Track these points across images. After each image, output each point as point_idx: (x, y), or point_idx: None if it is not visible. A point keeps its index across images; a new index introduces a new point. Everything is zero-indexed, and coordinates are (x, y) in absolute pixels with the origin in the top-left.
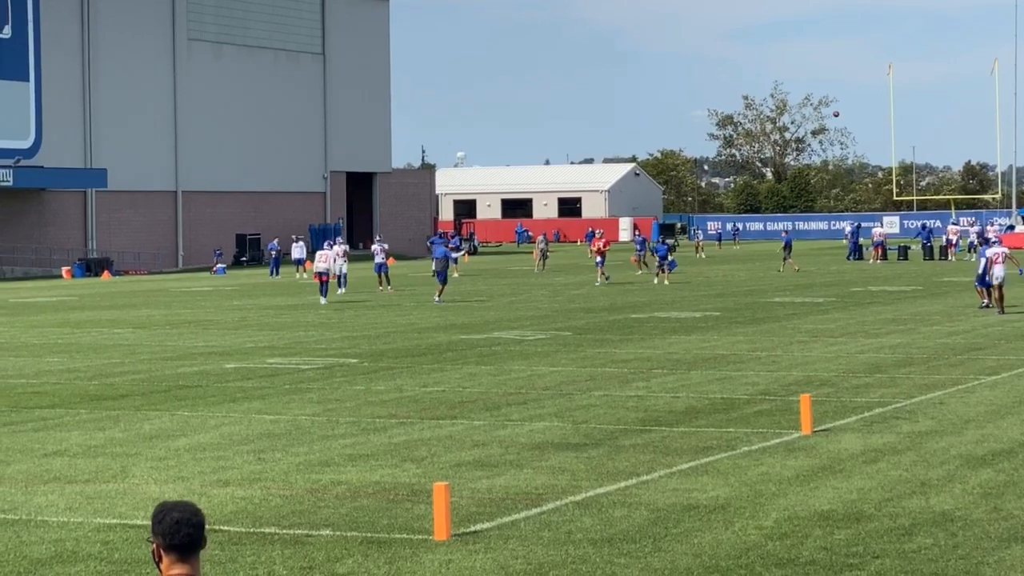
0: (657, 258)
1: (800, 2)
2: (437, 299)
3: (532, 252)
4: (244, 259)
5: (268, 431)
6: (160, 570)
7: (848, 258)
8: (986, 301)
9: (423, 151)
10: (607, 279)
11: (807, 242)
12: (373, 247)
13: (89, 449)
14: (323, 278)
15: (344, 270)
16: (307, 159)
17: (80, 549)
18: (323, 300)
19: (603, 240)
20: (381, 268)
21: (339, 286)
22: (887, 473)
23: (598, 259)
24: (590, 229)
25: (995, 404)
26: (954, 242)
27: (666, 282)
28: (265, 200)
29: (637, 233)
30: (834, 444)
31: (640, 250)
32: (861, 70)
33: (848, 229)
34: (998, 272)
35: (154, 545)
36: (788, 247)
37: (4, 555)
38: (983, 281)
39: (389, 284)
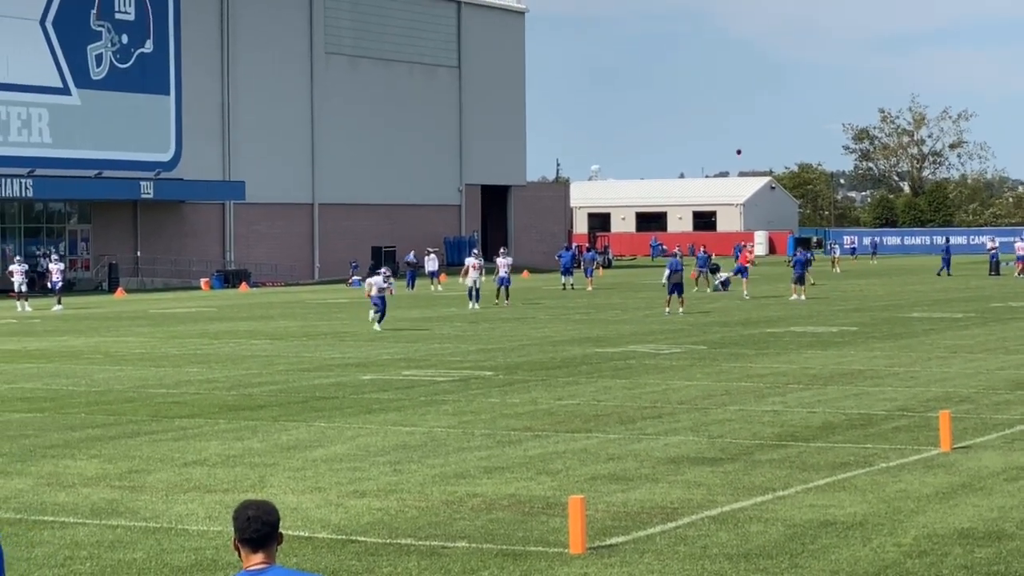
0: (794, 273)
1: (937, 13)
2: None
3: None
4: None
5: (404, 443)
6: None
7: (990, 274)
8: None
9: (558, 164)
10: (746, 295)
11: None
12: (498, 260)
13: (228, 459)
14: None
15: (479, 284)
16: (442, 172)
17: (220, 558)
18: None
19: (752, 252)
20: (503, 282)
21: (478, 298)
22: None
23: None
24: (740, 243)
25: None
26: None
27: (745, 295)
28: (400, 212)
29: (703, 250)
30: (974, 461)
31: (702, 267)
32: (1002, 82)
33: (990, 245)
34: None
35: (234, 539)
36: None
37: (146, 563)
38: None
39: (508, 298)
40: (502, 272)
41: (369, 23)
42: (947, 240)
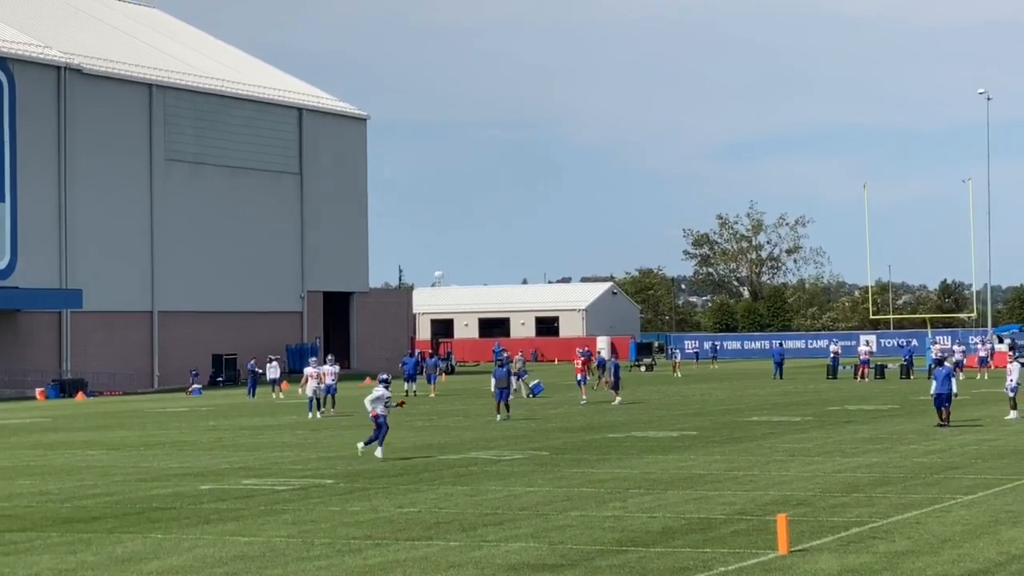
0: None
1: (774, 122)
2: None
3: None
4: (220, 379)
5: (242, 553)
6: None
7: (827, 377)
8: (939, 421)
9: (400, 271)
10: (583, 400)
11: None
12: (325, 368)
13: (60, 573)
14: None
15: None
16: (285, 278)
17: None
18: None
19: (583, 360)
20: (330, 390)
21: (320, 406)
22: None
23: (578, 377)
24: (583, 348)
25: (971, 524)
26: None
27: (617, 400)
28: (242, 320)
29: (520, 355)
30: (811, 564)
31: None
32: (836, 189)
33: (832, 348)
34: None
35: None
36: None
37: None
38: (938, 400)
39: (334, 407)
40: (329, 379)
41: (210, 129)
42: (781, 344)
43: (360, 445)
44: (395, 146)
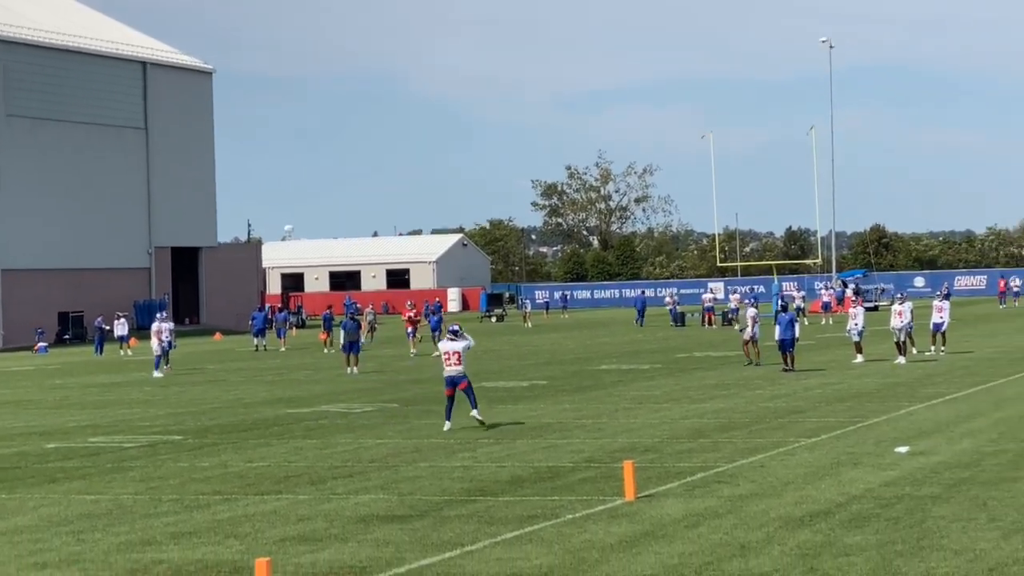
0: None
1: (622, 72)
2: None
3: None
4: (67, 337)
5: (88, 511)
6: None
7: (674, 325)
8: (784, 366)
9: (249, 225)
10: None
11: (632, 310)
12: (159, 325)
13: None
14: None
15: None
16: (131, 235)
17: None
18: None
19: (415, 311)
20: (169, 346)
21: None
22: (708, 537)
23: (409, 329)
24: (409, 301)
25: (814, 466)
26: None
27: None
28: (89, 277)
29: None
30: (656, 509)
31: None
32: (684, 138)
33: (668, 299)
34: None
35: None
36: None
37: None
38: (782, 346)
39: (168, 364)
40: (165, 336)
41: (53, 84)
42: (642, 293)
43: (474, 414)
44: (242, 100)
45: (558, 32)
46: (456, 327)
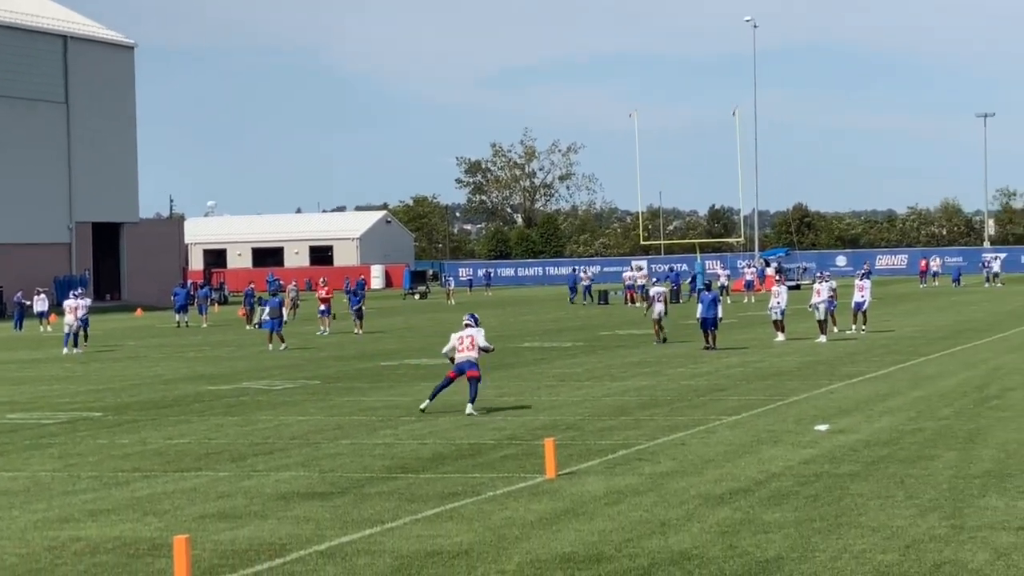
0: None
1: (547, 49)
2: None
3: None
4: None
5: (6, 488)
6: None
7: (597, 303)
8: (706, 344)
9: (171, 201)
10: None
11: (556, 287)
12: (71, 301)
13: None
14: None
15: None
16: (51, 209)
17: None
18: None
19: (326, 288)
20: (84, 324)
21: (77, 341)
22: (628, 514)
23: (321, 307)
24: (323, 278)
25: (734, 444)
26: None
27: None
28: (8, 252)
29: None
30: (577, 487)
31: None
32: (608, 116)
33: (582, 276)
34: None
35: None
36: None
37: None
38: (704, 324)
39: (86, 341)
40: (80, 313)
41: None
42: (574, 270)
43: (469, 408)
44: (165, 74)
45: (485, 7)
46: (475, 316)
